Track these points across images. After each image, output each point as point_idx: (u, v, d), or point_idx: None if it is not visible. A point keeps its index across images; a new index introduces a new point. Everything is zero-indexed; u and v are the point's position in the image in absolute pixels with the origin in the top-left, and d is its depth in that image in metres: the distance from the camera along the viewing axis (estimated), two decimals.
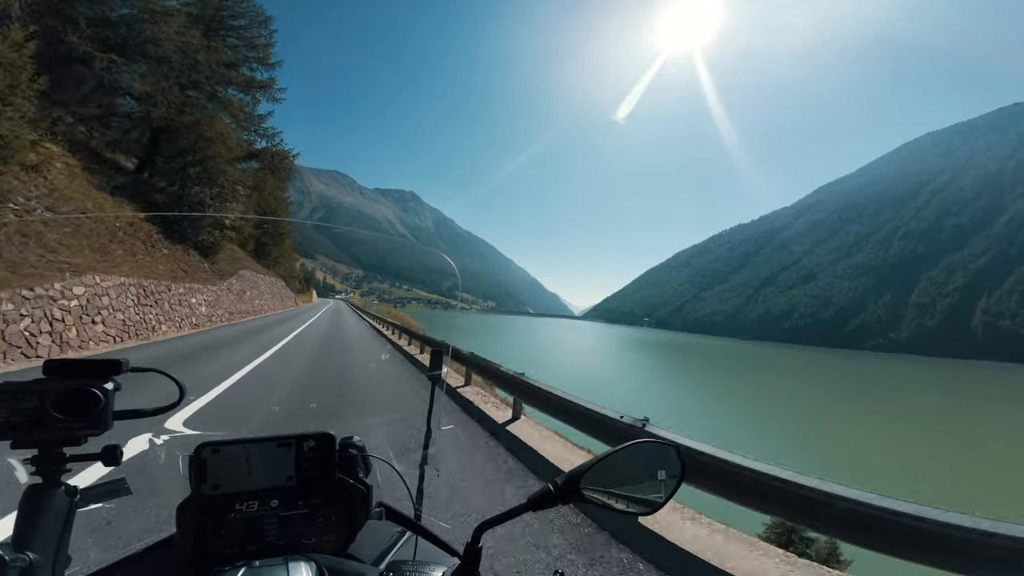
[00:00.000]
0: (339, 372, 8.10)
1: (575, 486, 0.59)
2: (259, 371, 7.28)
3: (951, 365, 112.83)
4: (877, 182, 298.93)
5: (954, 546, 1.63)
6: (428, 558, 0.70)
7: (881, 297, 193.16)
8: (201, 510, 0.71)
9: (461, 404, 5.95)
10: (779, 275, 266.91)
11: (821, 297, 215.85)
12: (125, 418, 0.67)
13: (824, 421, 28.87)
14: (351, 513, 0.78)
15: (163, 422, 4.08)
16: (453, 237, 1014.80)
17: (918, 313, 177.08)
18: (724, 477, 2.38)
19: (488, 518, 0.59)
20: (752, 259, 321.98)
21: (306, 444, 0.77)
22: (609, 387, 33.19)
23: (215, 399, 5.20)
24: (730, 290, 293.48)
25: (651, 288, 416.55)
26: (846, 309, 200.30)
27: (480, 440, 4.55)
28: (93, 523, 1.90)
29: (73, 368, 0.63)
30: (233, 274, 19.87)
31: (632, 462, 0.62)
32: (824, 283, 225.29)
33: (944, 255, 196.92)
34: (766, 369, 74.42)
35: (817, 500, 2.02)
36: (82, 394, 0.60)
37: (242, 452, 0.74)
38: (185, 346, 10.28)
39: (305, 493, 0.76)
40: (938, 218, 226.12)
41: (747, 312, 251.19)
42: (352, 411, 5.25)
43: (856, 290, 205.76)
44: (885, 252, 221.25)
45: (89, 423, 0.60)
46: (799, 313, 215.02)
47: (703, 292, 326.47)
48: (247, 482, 0.74)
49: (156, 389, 0.71)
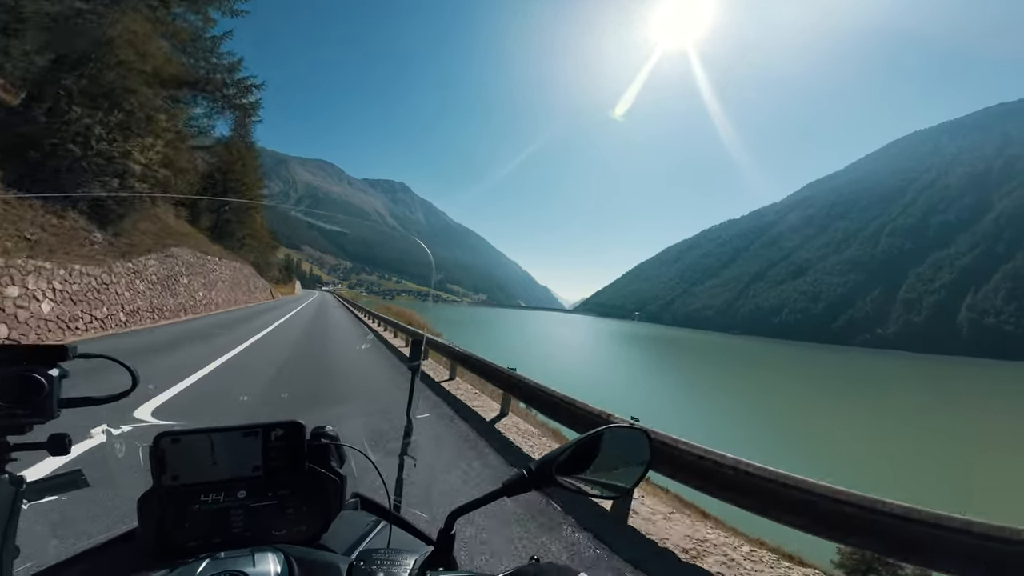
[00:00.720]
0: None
1: (548, 471, 0.60)
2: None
3: (937, 361, 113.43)
4: (866, 179, 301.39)
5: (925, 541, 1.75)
6: (403, 546, 0.68)
7: (869, 293, 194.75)
8: (163, 502, 0.69)
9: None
10: (769, 270, 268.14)
11: (810, 293, 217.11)
12: (73, 406, 0.64)
13: (811, 417, 28.83)
14: (323, 503, 0.77)
15: (131, 412, 3.94)
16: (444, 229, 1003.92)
17: (905, 309, 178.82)
18: (688, 465, 2.65)
19: (461, 504, 0.59)
20: (742, 254, 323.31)
21: (274, 433, 0.75)
22: (600, 383, 31.81)
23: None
24: (720, 285, 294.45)
25: (642, 282, 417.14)
26: (835, 305, 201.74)
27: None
28: (50, 516, 1.85)
29: (16, 353, 0.60)
30: (155, 251, 15.40)
31: (603, 448, 0.64)
32: (813, 279, 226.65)
33: (931, 252, 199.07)
34: (756, 365, 74.02)
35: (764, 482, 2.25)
36: (25, 380, 0.58)
37: (205, 441, 0.72)
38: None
39: (274, 483, 0.75)
40: (925, 215, 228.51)
41: (738, 307, 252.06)
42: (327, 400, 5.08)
43: (845, 286, 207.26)
44: (873, 248, 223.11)
45: (33, 411, 0.58)
46: (789, 308, 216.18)
47: (693, 287, 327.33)
48: (211, 472, 0.72)
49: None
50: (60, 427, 0.60)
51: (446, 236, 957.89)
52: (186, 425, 0.71)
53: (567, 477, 0.61)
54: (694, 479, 2.63)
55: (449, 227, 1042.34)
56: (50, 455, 0.61)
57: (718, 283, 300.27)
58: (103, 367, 0.68)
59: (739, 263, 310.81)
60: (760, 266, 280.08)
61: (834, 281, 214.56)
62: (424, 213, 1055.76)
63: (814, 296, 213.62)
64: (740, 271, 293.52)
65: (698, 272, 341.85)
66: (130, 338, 9.66)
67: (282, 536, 0.73)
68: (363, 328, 16.36)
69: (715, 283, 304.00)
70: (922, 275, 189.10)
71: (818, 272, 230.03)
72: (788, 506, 2.18)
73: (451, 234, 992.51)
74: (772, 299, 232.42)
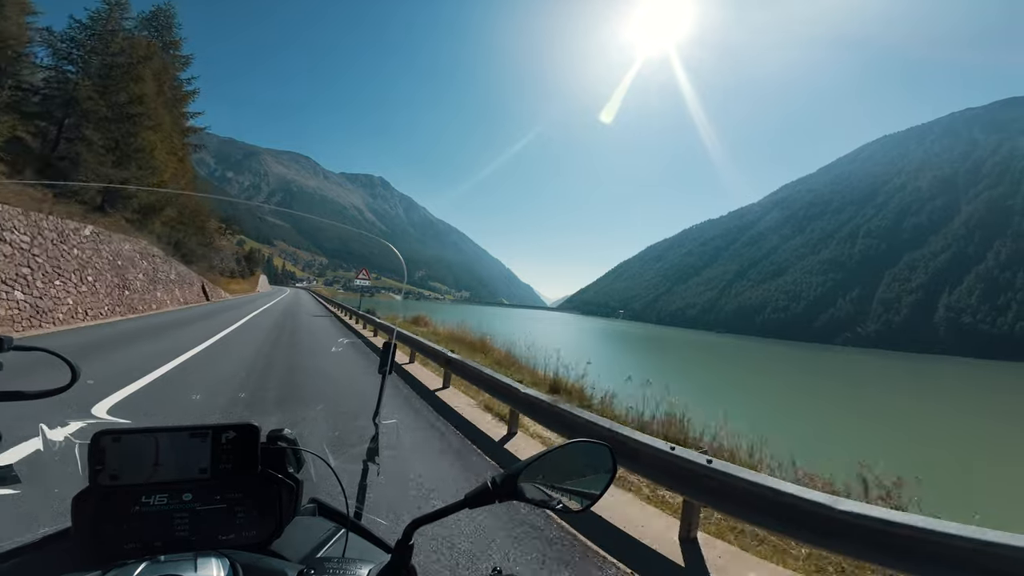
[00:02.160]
0: None
1: (513, 484, 0.59)
2: None
3: (917, 360, 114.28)
4: (839, 181, 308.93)
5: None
6: (360, 555, 0.67)
7: (848, 292, 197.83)
8: (99, 502, 0.66)
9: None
10: (750, 269, 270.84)
11: (792, 292, 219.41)
12: (5, 400, 0.62)
13: (799, 414, 27.20)
14: (276, 509, 0.73)
15: (88, 409, 3.87)
16: (425, 225, 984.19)
17: (884, 309, 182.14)
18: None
19: (421, 515, 0.58)
20: (723, 254, 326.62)
21: (225, 435, 0.72)
22: (613, 381, 28.47)
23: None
24: (703, 284, 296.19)
25: (625, 281, 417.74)
26: (816, 304, 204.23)
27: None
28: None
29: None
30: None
31: (568, 461, 0.64)
32: (794, 278, 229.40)
33: (905, 252, 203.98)
34: (743, 362, 73.11)
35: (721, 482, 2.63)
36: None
37: (149, 441, 0.68)
38: None
39: (223, 487, 0.72)
40: (898, 217, 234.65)
41: (721, 306, 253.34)
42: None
43: (825, 285, 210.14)
44: (851, 248, 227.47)
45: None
46: (771, 307, 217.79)
47: (676, 286, 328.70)
48: (153, 474, 0.68)
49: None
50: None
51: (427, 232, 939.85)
52: (131, 424, 0.64)
53: (533, 487, 0.61)
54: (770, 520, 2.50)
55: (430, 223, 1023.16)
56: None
57: (700, 282, 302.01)
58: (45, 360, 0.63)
59: (720, 262, 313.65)
60: (741, 265, 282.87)
61: (814, 280, 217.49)
62: (404, 208, 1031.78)
63: (795, 295, 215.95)
64: (721, 270, 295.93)
65: (681, 271, 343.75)
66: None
67: (229, 541, 0.70)
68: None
69: (697, 282, 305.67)
70: (898, 275, 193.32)
71: (798, 272, 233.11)
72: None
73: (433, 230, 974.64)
74: (754, 298, 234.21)
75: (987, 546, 1.77)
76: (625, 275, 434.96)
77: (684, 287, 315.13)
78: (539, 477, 0.61)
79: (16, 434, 0.73)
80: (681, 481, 3.00)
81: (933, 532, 1.90)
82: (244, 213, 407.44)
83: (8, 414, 0.62)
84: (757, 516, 2.56)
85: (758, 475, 2.67)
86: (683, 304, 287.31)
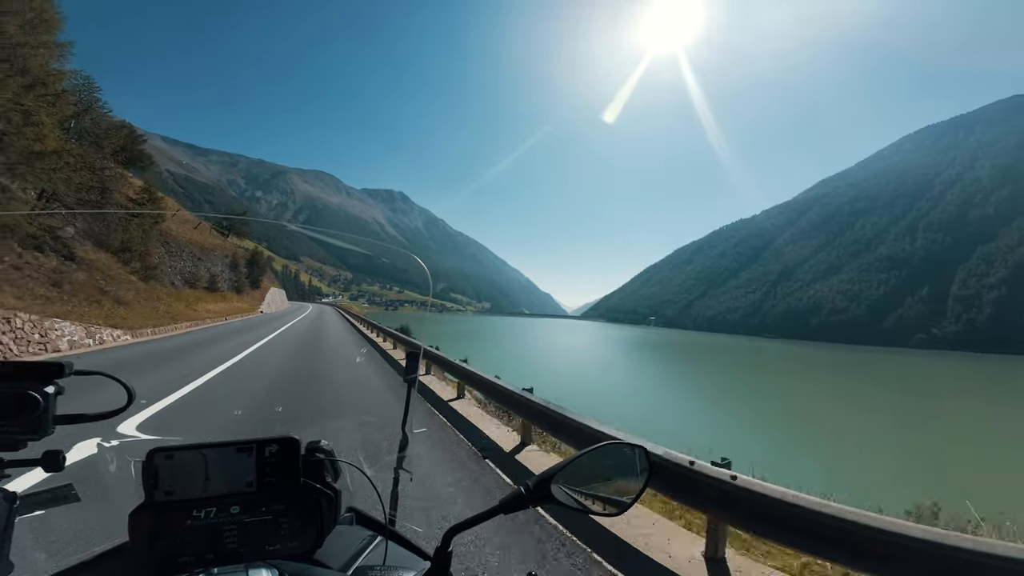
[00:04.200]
0: None
1: (546, 488, 0.58)
2: None
3: (1015, 362, 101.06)
4: (884, 174, 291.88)
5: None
6: (399, 563, 0.68)
7: (917, 291, 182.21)
8: (155, 517, 0.68)
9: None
10: (795, 270, 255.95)
11: (849, 292, 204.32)
12: (67, 423, 0.64)
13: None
14: (318, 519, 0.75)
15: (115, 427, 3.92)
16: (444, 238, 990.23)
17: (963, 307, 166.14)
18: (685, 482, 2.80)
19: (458, 522, 0.58)
20: (762, 254, 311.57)
21: (268, 449, 0.73)
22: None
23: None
24: (742, 286, 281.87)
25: (653, 286, 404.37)
26: (879, 304, 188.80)
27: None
28: (41, 530, 1.78)
29: (13, 371, 0.60)
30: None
31: (601, 464, 0.63)
32: (849, 277, 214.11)
33: (976, 246, 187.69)
34: (829, 374, 63.62)
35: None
36: (20, 398, 0.57)
37: (199, 457, 0.71)
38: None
39: (268, 499, 0.73)
40: (960, 209, 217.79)
41: (767, 309, 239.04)
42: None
43: (888, 283, 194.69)
44: (911, 244, 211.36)
45: (28, 428, 0.57)
46: (828, 309, 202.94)
47: (711, 289, 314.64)
48: (204, 488, 0.70)
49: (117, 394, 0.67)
50: (46, 444, 0.58)
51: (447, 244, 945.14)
52: (180, 440, 0.70)
53: (566, 492, 0.60)
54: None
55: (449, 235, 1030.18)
56: (44, 471, 0.59)
57: (738, 284, 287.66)
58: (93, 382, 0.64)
59: (760, 263, 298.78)
60: (784, 265, 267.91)
61: (873, 279, 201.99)
62: (424, 222, 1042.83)
63: (854, 295, 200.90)
64: (762, 271, 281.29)
65: (714, 273, 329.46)
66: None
67: (276, 552, 0.71)
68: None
69: (735, 284, 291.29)
70: (973, 270, 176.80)
71: (853, 270, 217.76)
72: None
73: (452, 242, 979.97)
74: (806, 299, 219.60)
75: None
76: (653, 280, 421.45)
77: (720, 290, 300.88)
78: (572, 481, 0.60)
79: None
80: (702, 499, 2.83)
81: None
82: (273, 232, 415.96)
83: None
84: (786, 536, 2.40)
85: (786, 491, 2.45)
86: (722, 308, 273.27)
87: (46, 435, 0.59)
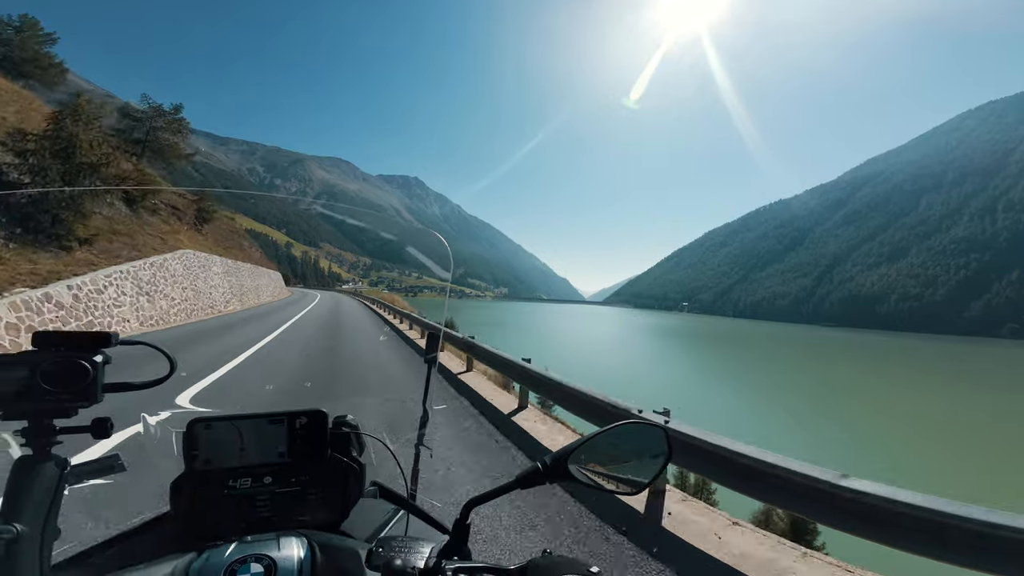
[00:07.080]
0: None
1: (563, 465, 0.59)
2: None
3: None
4: (946, 151, 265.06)
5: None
6: (419, 535, 0.69)
7: (1005, 275, 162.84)
8: (194, 486, 0.72)
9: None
10: (852, 252, 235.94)
11: (921, 277, 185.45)
12: (115, 391, 0.66)
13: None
14: (344, 491, 0.78)
15: (172, 399, 4.29)
16: (460, 223, 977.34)
17: None
18: (714, 461, 2.52)
19: (477, 495, 0.60)
20: (809, 235, 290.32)
21: (298, 421, 0.76)
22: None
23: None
24: (789, 271, 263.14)
25: (684, 270, 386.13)
26: (960, 289, 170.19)
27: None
28: (89, 498, 1.85)
29: (63, 340, 0.62)
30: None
31: (620, 443, 0.62)
32: (920, 260, 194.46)
33: None
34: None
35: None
36: (72, 366, 0.59)
37: (234, 428, 0.74)
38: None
39: (298, 470, 0.76)
40: None
41: (823, 295, 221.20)
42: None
43: (968, 267, 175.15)
44: (992, 225, 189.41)
45: (79, 395, 0.59)
46: (897, 295, 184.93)
47: (752, 273, 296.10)
48: (240, 458, 0.74)
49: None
50: (100, 412, 0.60)
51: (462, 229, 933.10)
52: (216, 412, 0.73)
53: (583, 471, 0.60)
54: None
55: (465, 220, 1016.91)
56: (93, 438, 0.62)
57: (784, 268, 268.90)
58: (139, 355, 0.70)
59: (807, 245, 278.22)
60: (839, 248, 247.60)
61: (950, 263, 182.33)
62: (440, 207, 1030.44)
63: (928, 280, 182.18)
64: (812, 254, 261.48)
65: (755, 256, 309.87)
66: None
67: (304, 521, 0.74)
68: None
69: (780, 268, 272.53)
70: None
71: (923, 253, 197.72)
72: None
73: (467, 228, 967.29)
74: (869, 285, 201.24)
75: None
76: (683, 264, 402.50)
77: (763, 274, 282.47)
78: (589, 459, 0.61)
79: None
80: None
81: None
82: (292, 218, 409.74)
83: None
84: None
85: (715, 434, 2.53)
86: (767, 294, 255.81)
87: (95, 403, 0.61)
